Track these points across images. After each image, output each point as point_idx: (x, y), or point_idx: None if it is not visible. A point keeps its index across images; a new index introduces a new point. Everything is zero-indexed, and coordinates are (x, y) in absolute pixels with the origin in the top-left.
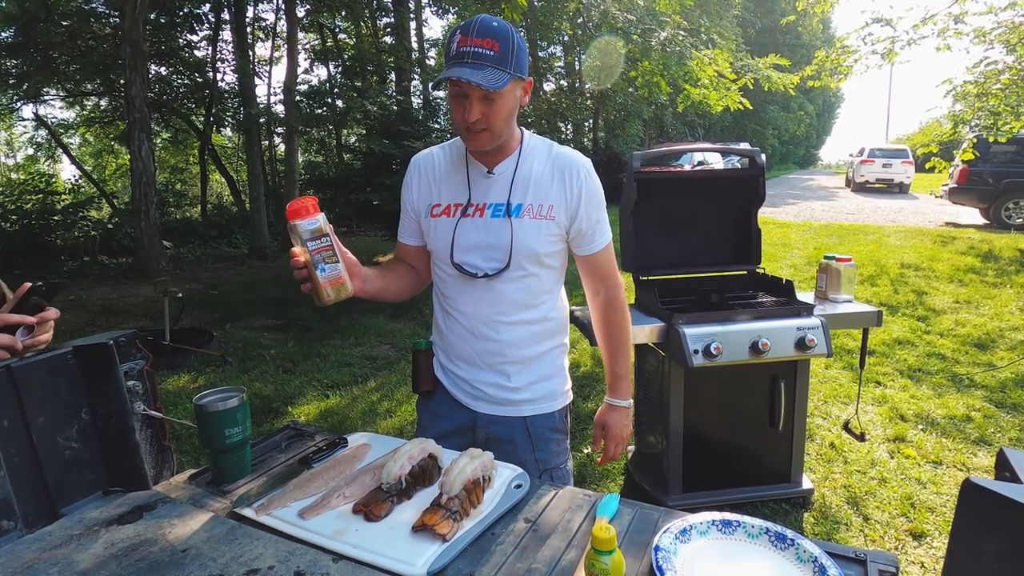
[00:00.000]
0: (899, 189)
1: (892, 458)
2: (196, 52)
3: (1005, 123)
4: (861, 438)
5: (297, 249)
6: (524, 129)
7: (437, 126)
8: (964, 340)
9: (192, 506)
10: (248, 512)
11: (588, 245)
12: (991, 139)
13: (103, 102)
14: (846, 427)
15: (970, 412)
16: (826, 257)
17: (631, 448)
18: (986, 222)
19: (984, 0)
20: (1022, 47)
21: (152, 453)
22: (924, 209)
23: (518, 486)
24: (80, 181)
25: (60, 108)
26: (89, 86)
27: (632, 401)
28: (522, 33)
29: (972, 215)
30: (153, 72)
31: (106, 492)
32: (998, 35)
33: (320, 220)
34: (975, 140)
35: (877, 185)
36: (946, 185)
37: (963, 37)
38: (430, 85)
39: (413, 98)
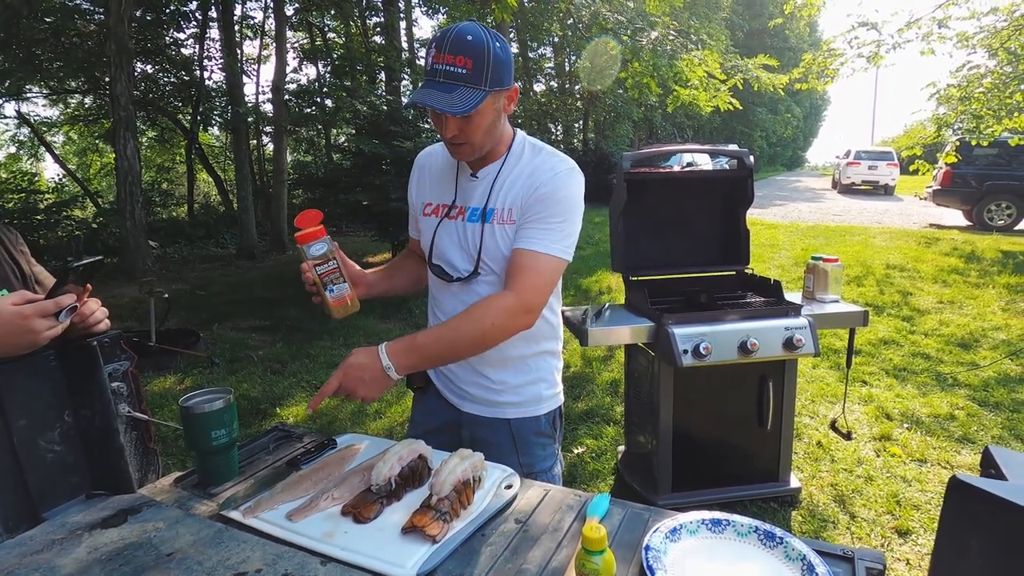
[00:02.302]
0: (884, 191)
1: (878, 456)
2: (183, 50)
3: (987, 126)
4: (848, 437)
5: (306, 265)
6: (518, 131)
7: (427, 126)
8: (948, 340)
9: (178, 509)
10: (235, 515)
11: (518, 239)
12: (973, 142)
13: (87, 100)
14: (833, 426)
15: (954, 411)
16: (813, 258)
17: (621, 448)
18: (969, 224)
19: (967, 5)
20: (1003, 52)
21: (137, 456)
22: (909, 211)
23: (508, 487)
24: (64, 180)
25: (43, 106)
26: (73, 84)
27: (390, 366)
28: (512, 34)
29: (955, 217)
30: (139, 70)
31: (89, 495)
32: (980, 40)
33: (327, 246)
34: (958, 143)
35: (863, 187)
36: (930, 187)
37: (947, 41)
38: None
39: (403, 98)
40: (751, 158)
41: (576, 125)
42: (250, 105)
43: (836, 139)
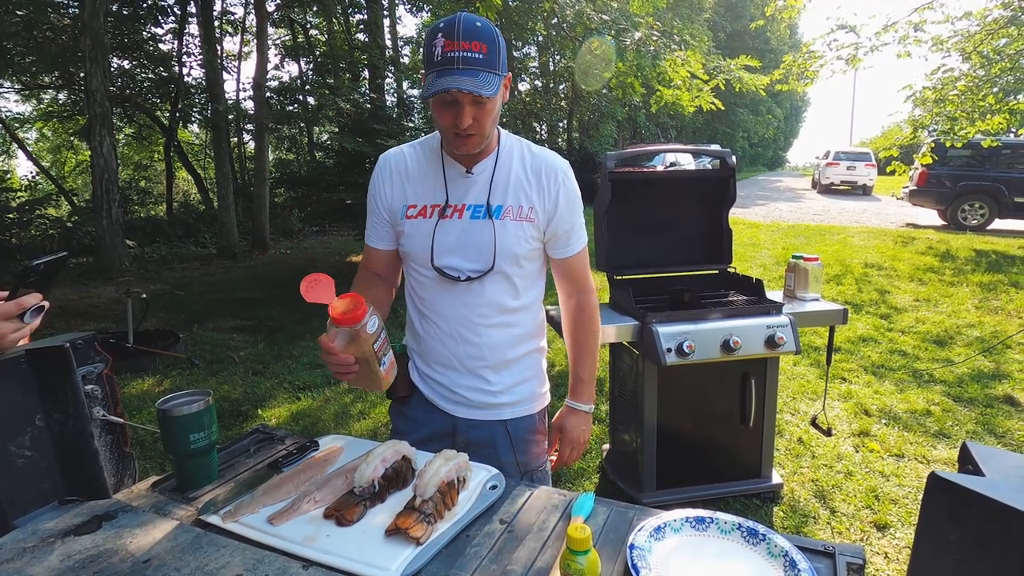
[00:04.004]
0: (862, 191)
1: (857, 452)
2: (161, 46)
3: (961, 128)
4: (828, 433)
5: (332, 342)
6: (500, 128)
7: (411, 124)
8: (924, 337)
9: (155, 514)
10: (214, 519)
11: (563, 249)
12: (948, 144)
13: (62, 96)
14: (813, 423)
15: (930, 406)
16: (794, 257)
17: (606, 447)
18: (944, 223)
19: (942, 10)
20: (976, 56)
21: (112, 460)
22: (886, 210)
23: (493, 487)
24: (37, 178)
25: (15, 101)
26: (47, 79)
27: (592, 407)
28: None
29: (931, 216)
30: (115, 65)
31: (62, 502)
32: (954, 44)
33: (376, 317)
34: (933, 144)
35: (842, 187)
36: (906, 187)
37: (922, 45)
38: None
39: (387, 96)
40: (733, 158)
41: (560, 124)
42: (231, 102)
43: (816, 140)
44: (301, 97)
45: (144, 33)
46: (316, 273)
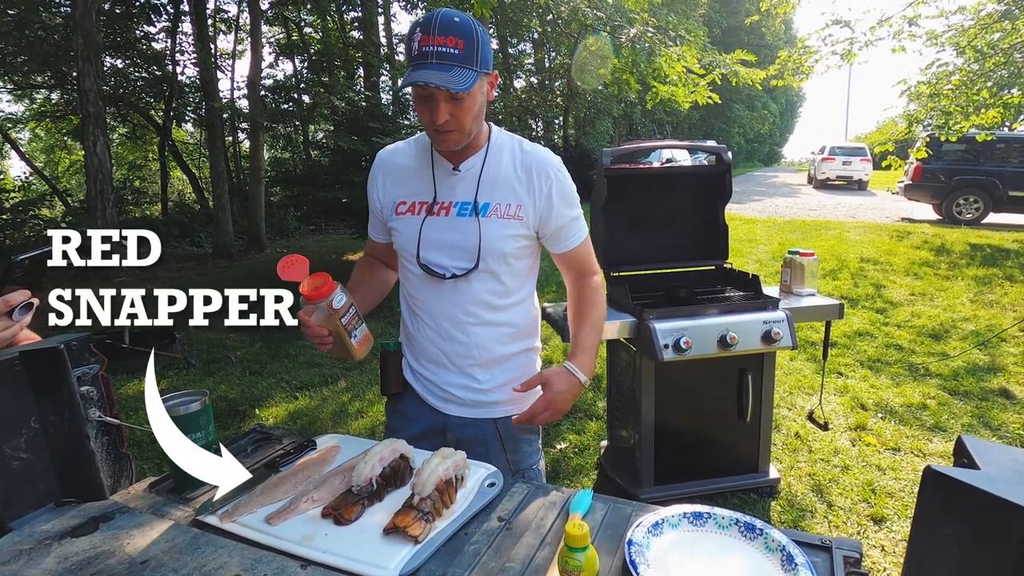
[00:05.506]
0: (858, 186)
1: (854, 446)
2: (154, 44)
3: (956, 123)
4: (824, 427)
5: (314, 319)
6: (492, 125)
7: (407, 122)
8: (919, 331)
9: (152, 515)
10: (212, 520)
11: (564, 243)
12: (943, 138)
13: (54, 95)
14: (810, 417)
15: (926, 400)
16: (790, 252)
17: (604, 443)
18: (939, 217)
19: (936, 4)
20: (970, 50)
21: (109, 461)
22: (881, 205)
23: (491, 484)
24: (30, 178)
25: (7, 101)
26: (39, 78)
27: (588, 380)
28: (492, 30)
29: (926, 211)
30: (108, 64)
31: (59, 503)
32: (948, 38)
33: (344, 294)
34: (928, 139)
35: (837, 182)
36: (902, 182)
37: (916, 39)
38: (398, 86)
39: (382, 94)
40: (729, 154)
41: (556, 121)
42: (225, 101)
43: (811, 135)
44: (296, 95)
45: (137, 32)
46: (294, 254)
